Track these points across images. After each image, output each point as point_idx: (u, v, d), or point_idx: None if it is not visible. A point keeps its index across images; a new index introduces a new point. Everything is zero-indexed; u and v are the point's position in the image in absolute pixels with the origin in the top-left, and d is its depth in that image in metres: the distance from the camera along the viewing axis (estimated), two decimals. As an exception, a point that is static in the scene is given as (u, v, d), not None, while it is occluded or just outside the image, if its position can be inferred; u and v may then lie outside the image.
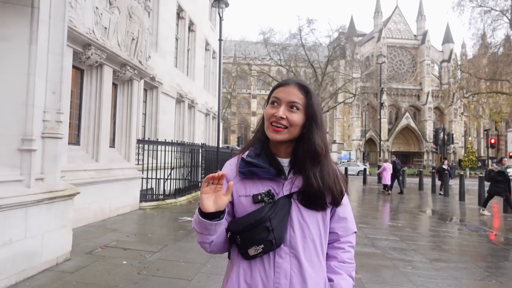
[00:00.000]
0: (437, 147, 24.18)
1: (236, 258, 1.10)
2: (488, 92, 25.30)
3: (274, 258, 1.05)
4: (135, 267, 3.94)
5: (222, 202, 1.00)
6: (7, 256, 3.26)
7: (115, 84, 7.35)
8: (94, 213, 6.17)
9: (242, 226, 1.04)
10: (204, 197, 0.99)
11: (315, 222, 1.08)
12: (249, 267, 1.06)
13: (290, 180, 1.07)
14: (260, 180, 1.08)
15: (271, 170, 1.07)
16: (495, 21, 23.07)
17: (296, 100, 1.07)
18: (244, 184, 1.09)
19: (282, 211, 1.04)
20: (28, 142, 3.54)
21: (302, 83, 1.12)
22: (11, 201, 3.27)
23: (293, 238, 1.05)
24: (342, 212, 1.16)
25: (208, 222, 0.99)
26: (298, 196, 1.07)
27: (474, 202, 11.70)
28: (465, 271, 4.29)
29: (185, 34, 14.15)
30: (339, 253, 1.15)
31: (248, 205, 1.07)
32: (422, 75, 57.23)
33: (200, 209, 1.00)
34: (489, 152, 32.86)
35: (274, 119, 1.06)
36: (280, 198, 1.05)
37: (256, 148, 1.13)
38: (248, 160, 1.09)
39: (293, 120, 1.06)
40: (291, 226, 1.06)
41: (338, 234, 1.16)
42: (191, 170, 10.57)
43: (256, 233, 1.01)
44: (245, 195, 1.08)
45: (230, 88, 44.82)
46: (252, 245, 1.02)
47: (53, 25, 3.88)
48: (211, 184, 0.99)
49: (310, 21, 30.70)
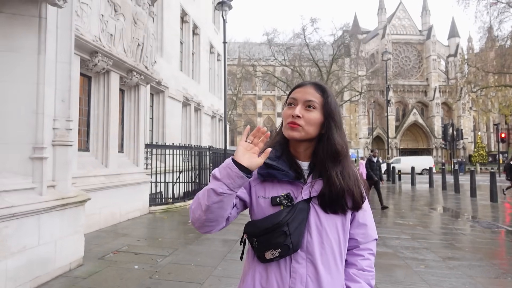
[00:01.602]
0: (446, 143, 23.91)
1: (252, 261, 1.10)
2: (497, 86, 24.91)
3: (291, 263, 1.04)
4: (147, 271, 3.97)
5: (255, 161, 0.97)
6: (22, 263, 3.31)
7: (122, 90, 7.42)
8: (105, 218, 6.23)
9: (259, 229, 1.03)
10: (240, 149, 0.97)
11: (333, 227, 1.07)
12: (265, 270, 1.06)
13: (310, 184, 1.07)
14: (280, 183, 1.08)
15: (290, 173, 1.07)
16: (501, 13, 22.71)
17: (312, 99, 1.08)
18: (264, 186, 1.09)
19: (300, 215, 1.03)
20: (39, 150, 3.59)
21: (319, 83, 1.14)
22: (24, 209, 3.32)
23: (310, 243, 1.04)
24: (362, 218, 1.14)
25: (237, 169, 0.94)
26: (318, 200, 1.06)
27: (486, 198, 11.53)
28: (480, 269, 4.22)
29: (189, 38, 14.22)
30: (358, 260, 1.14)
31: (266, 207, 1.06)
32: (429, 70, 56.62)
33: (233, 158, 0.97)
34: (499, 147, 32.38)
35: (290, 119, 1.07)
36: (299, 202, 1.05)
37: (277, 150, 1.12)
38: (268, 163, 1.07)
39: (310, 118, 1.06)
40: (309, 231, 1.05)
41: (357, 241, 1.14)
42: (199, 173, 10.61)
43: (273, 237, 1.00)
44: (264, 196, 1.08)
45: (235, 89, 44.87)
46: (269, 249, 1.02)
47: (60, 34, 3.94)
48: (249, 141, 0.98)
49: (314, 20, 30.57)
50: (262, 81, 40.55)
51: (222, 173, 0.97)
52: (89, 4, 5.58)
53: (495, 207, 9.93)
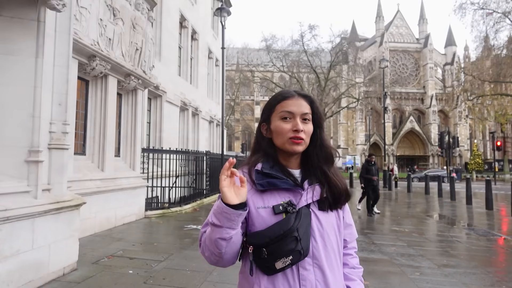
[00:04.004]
0: (443, 151, 23.99)
1: (255, 275, 1.05)
2: (493, 94, 25.13)
3: (298, 271, 1.03)
4: (142, 276, 3.94)
5: (243, 193, 0.99)
6: (15, 267, 3.28)
7: (119, 94, 7.43)
8: (100, 223, 6.20)
9: (269, 238, 1.00)
10: (225, 191, 0.97)
11: (332, 230, 1.09)
12: (272, 283, 1.03)
13: (309, 189, 1.09)
14: (278, 191, 1.08)
15: (289, 180, 1.09)
16: (497, 23, 23.00)
17: (307, 112, 1.12)
18: (261, 196, 1.08)
19: (306, 220, 1.04)
20: (35, 153, 3.58)
21: (306, 94, 1.17)
22: (18, 212, 3.30)
23: (316, 248, 1.05)
24: (348, 219, 1.20)
25: (233, 211, 0.96)
26: (317, 204, 1.09)
27: (482, 205, 11.57)
28: (474, 276, 4.23)
29: (188, 43, 14.28)
30: (349, 259, 1.18)
31: (267, 217, 1.05)
32: (426, 78, 57.07)
33: (223, 201, 0.97)
34: (495, 155, 32.55)
35: (293, 134, 1.09)
36: (302, 207, 1.06)
37: (268, 162, 1.13)
38: (266, 172, 1.09)
39: (308, 131, 1.11)
40: (313, 236, 1.05)
41: (346, 241, 1.19)
42: (195, 178, 10.59)
43: (284, 244, 0.99)
44: (263, 206, 1.06)
45: (233, 95, 44.98)
46: (281, 257, 0.99)
47: (58, 38, 3.95)
48: (227, 177, 0.99)
49: (312, 27, 30.80)
50: (260, 86, 40.70)
51: (221, 219, 0.97)
52: (88, 8, 5.60)
53: (491, 214, 9.96)
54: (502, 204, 12.91)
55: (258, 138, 1.18)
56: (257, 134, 1.19)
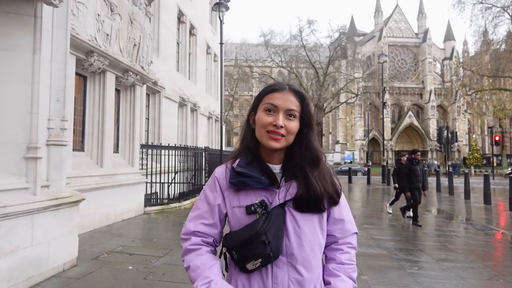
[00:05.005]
0: (441, 146, 24.05)
1: (234, 271, 1.09)
2: (491, 89, 25.15)
3: (272, 269, 1.03)
4: (141, 272, 3.95)
5: None
6: (14, 264, 3.29)
7: (117, 90, 7.40)
8: (99, 219, 6.20)
9: (237, 242, 1.02)
10: None
11: (311, 227, 1.06)
12: (247, 280, 1.05)
13: (284, 188, 1.05)
14: (253, 190, 1.05)
15: (263, 179, 1.05)
16: (496, 17, 22.97)
17: (294, 108, 1.05)
18: (237, 195, 1.07)
19: (277, 222, 1.01)
20: (33, 150, 3.57)
21: (298, 89, 1.10)
22: (17, 209, 3.30)
23: (289, 247, 1.03)
24: (338, 214, 1.13)
25: None
26: (293, 203, 1.04)
27: (480, 200, 11.63)
28: (472, 271, 4.26)
29: (186, 38, 14.21)
30: (337, 254, 1.12)
31: (242, 216, 1.05)
32: (424, 73, 57.02)
33: None
34: (493, 150, 32.66)
35: (272, 128, 1.03)
36: (274, 208, 1.03)
37: (247, 156, 1.09)
38: (239, 171, 1.05)
39: (291, 128, 1.04)
40: (287, 235, 1.03)
41: (335, 237, 1.13)
42: (194, 174, 10.59)
43: (252, 248, 0.99)
44: (238, 206, 1.06)
45: (232, 90, 44.86)
46: (250, 260, 1.01)
47: (56, 34, 3.92)
48: None
49: (311, 22, 30.69)
50: (259, 82, 40.55)
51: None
52: (85, 3, 5.55)
53: (489, 209, 10.02)
54: (500, 198, 12.99)
55: (245, 128, 1.15)
56: (245, 123, 1.15)
